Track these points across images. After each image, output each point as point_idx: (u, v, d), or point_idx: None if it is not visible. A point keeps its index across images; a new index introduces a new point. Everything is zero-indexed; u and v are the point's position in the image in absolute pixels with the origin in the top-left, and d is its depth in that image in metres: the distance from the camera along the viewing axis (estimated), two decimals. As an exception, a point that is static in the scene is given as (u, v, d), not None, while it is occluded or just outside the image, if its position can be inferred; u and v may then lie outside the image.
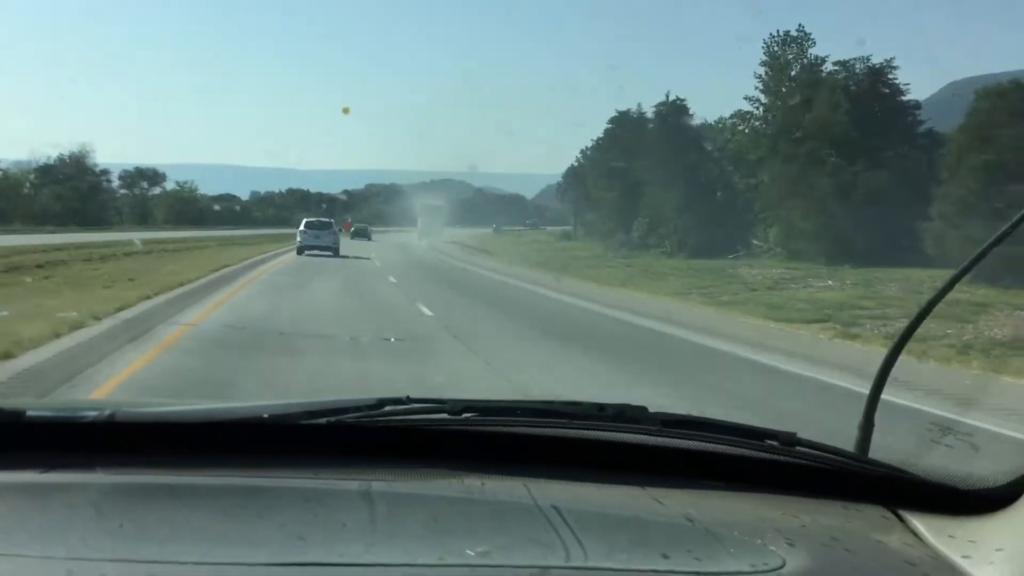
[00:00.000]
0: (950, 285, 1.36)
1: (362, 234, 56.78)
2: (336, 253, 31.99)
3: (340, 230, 38.16)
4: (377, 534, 1.00)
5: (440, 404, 1.23)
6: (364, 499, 1.08)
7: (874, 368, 1.34)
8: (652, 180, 45.70)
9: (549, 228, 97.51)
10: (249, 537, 0.98)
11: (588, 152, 67.74)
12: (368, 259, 30.39)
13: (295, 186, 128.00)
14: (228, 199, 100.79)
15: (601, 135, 61.27)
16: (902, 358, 1.34)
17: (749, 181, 42.06)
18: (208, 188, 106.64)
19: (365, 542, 0.97)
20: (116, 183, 78.02)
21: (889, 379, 1.32)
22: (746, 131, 43.57)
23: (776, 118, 40.82)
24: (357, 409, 1.20)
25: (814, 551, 1.03)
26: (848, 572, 1.01)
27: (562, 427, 1.24)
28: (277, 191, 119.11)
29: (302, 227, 33.83)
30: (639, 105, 55.30)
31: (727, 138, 45.24)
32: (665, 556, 0.99)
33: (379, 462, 1.18)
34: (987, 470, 1.13)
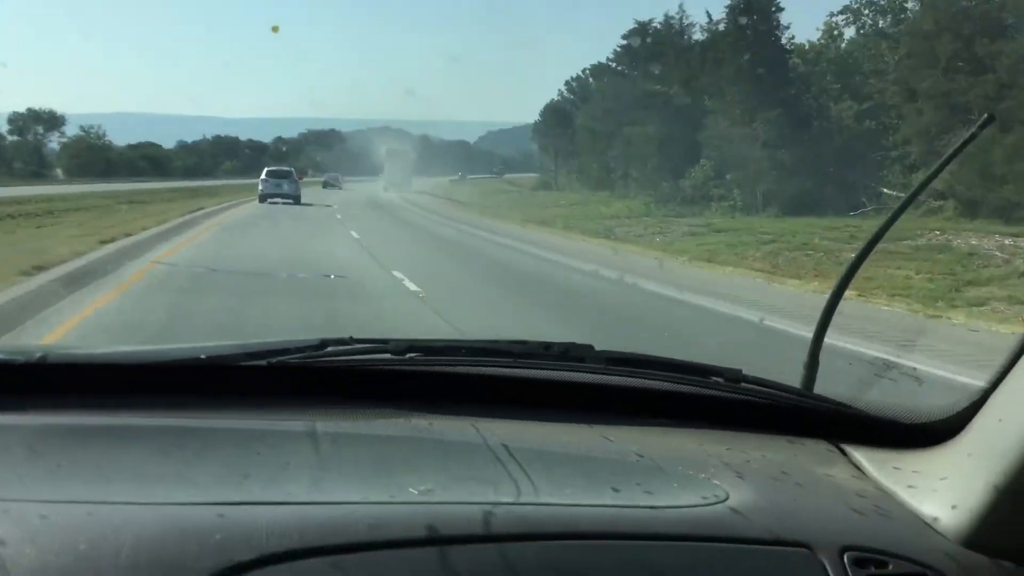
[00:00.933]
0: (889, 223, 1.36)
1: (333, 184, 58.17)
2: (297, 201, 34.21)
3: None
4: (323, 472, 0.99)
5: (383, 344, 1.22)
6: (309, 439, 1.07)
7: None
8: (714, 108, 32.83)
9: (512, 176, 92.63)
10: (190, 477, 0.95)
11: (585, 79, 57.62)
12: (340, 222, 24.36)
13: (223, 134, 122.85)
14: (148, 148, 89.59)
15: (610, 56, 49.65)
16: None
17: (867, 105, 29.35)
18: (122, 138, 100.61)
19: (311, 480, 0.96)
20: (4, 128, 69.27)
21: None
22: (863, 31, 31.31)
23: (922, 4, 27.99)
24: (299, 350, 1.18)
25: (760, 484, 1.05)
26: (792, 503, 1.02)
27: (507, 366, 1.24)
28: (203, 138, 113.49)
29: (263, 176, 36.46)
30: (681, 8, 42.80)
31: (823, 44, 32.30)
32: (615, 490, 0.99)
33: (323, 403, 1.17)
34: (929, 405, 1.15)
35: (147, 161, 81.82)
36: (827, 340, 1.34)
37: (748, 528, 0.94)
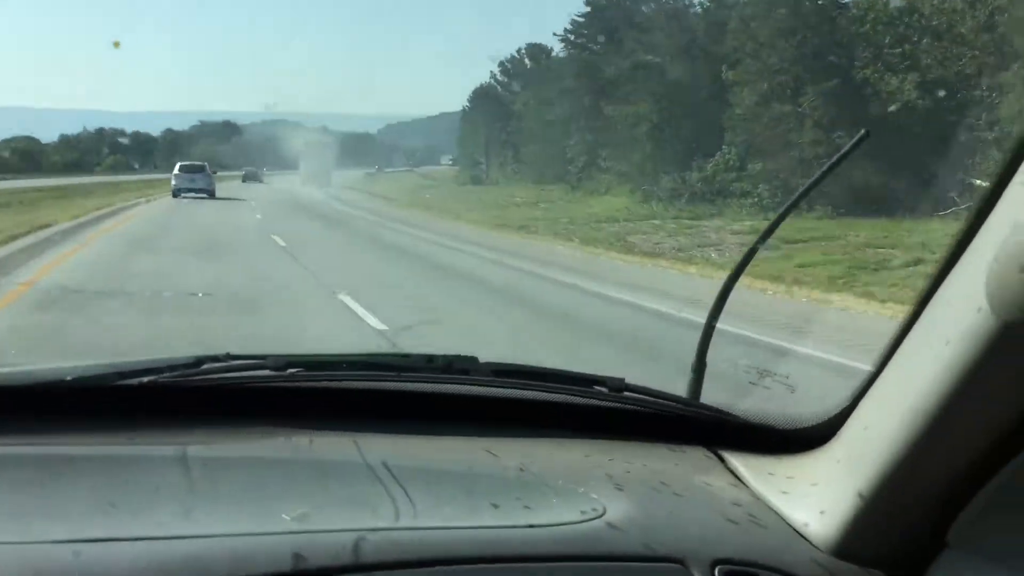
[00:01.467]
0: (779, 220, 1.38)
1: (252, 178, 57.25)
2: (212, 195, 33.78)
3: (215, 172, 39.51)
4: (193, 500, 0.96)
5: (261, 360, 1.18)
6: (180, 463, 1.04)
7: None
8: (741, 79, 25.04)
9: (426, 169, 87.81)
10: (51, 510, 0.91)
11: (521, 60, 51.35)
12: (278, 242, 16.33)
13: (107, 126, 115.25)
14: (21, 142, 79.88)
15: (568, 28, 41.78)
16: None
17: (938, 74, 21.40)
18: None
19: (180, 510, 0.92)
20: None
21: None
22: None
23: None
24: (172, 368, 1.14)
25: (639, 496, 1.05)
26: (668, 515, 1.03)
27: (390, 380, 1.22)
28: (84, 130, 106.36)
29: (176, 171, 36.10)
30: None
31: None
32: (495, 507, 0.99)
33: (198, 424, 1.13)
34: (805, 410, 1.17)
35: (19, 156, 75.74)
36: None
37: (623, 544, 0.95)
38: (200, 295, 8.67)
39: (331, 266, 12.58)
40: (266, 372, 1.17)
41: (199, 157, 51.36)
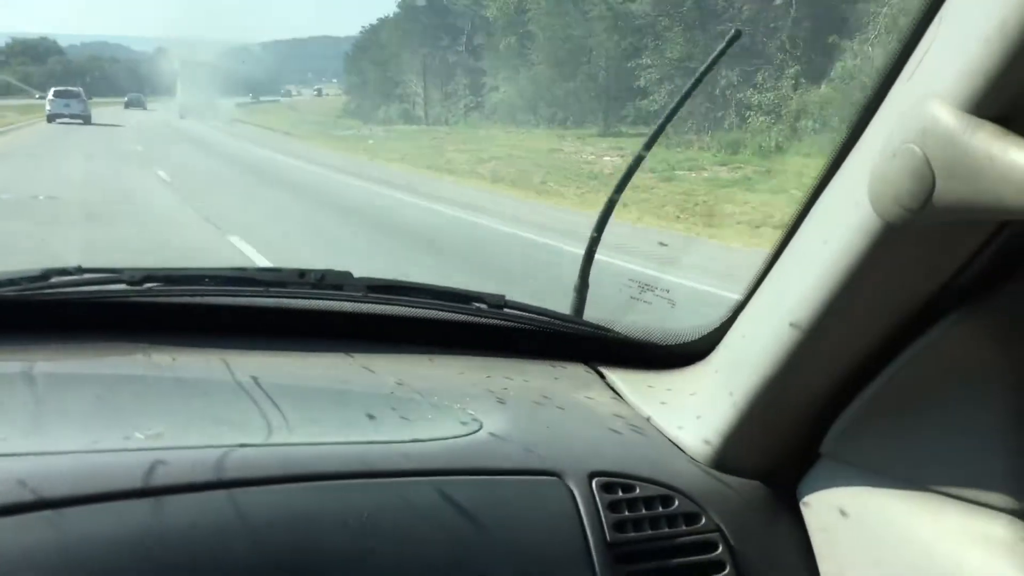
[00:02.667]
0: (651, 141, 1.37)
1: (136, 104, 54.16)
2: (88, 121, 32.47)
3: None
4: (40, 418, 0.91)
5: (116, 273, 1.12)
6: (25, 380, 0.98)
7: None
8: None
9: (287, 100, 77.65)
10: None
11: None
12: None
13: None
14: None
15: None
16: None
17: None
18: None
19: (26, 428, 0.88)
20: None
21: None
22: None
23: None
24: (14, 282, 1.06)
25: (518, 412, 1.04)
26: (546, 430, 1.03)
27: (258, 295, 1.17)
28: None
29: (51, 95, 34.03)
30: None
31: None
32: (370, 422, 0.96)
33: (46, 340, 1.07)
34: (685, 326, 1.17)
35: None
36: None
37: (500, 458, 0.93)
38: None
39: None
40: (122, 286, 1.10)
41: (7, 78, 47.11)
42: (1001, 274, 0.77)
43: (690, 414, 1.02)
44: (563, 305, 1.34)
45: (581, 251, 1.35)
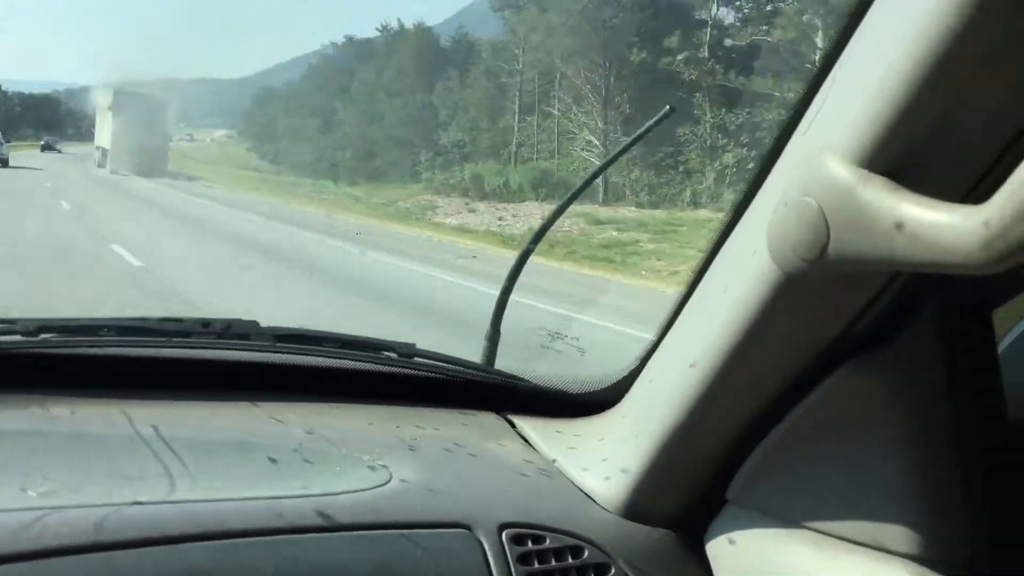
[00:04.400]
0: (578, 191, 1.41)
1: (51, 147, 51.29)
2: (5, 164, 32.35)
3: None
4: None
5: (10, 324, 1.09)
6: None
7: None
8: None
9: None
10: None
11: None
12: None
13: None
14: None
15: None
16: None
17: None
18: None
19: None
20: None
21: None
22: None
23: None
24: None
25: (427, 463, 1.03)
26: (456, 481, 1.02)
27: (160, 346, 1.14)
28: None
29: None
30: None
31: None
32: (275, 475, 0.94)
33: None
34: (595, 374, 1.18)
35: None
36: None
37: (410, 511, 0.92)
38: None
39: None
40: (15, 337, 1.07)
41: None
42: (896, 322, 0.78)
43: (599, 461, 1.02)
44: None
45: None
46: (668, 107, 1.25)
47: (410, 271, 11.90)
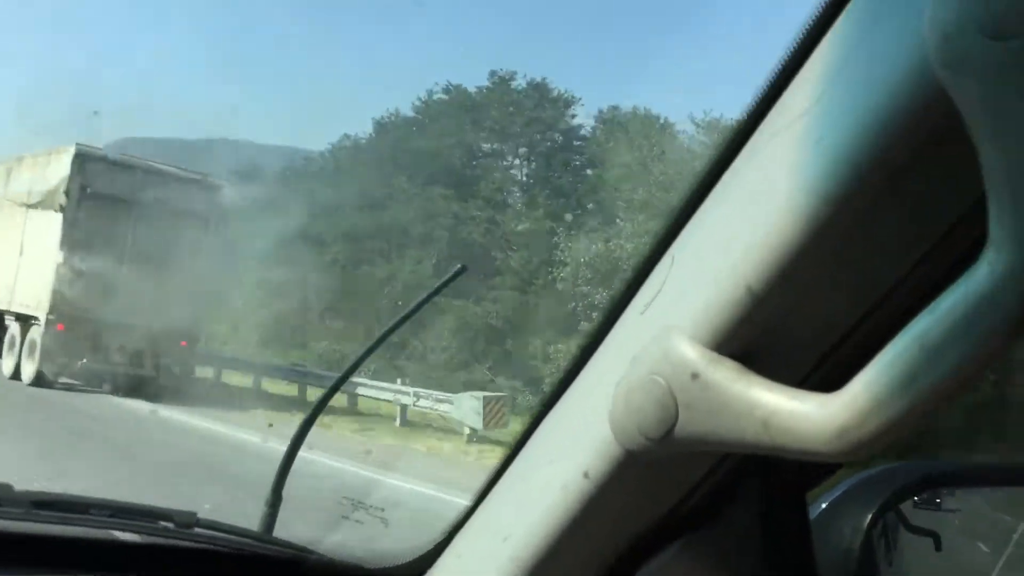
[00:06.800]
0: (368, 352, 1.36)
1: None
2: None
3: None
4: None
5: None
6: None
7: None
8: None
9: None
10: None
11: None
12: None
13: None
14: None
15: None
16: None
17: None
18: None
19: None
20: None
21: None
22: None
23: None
24: None
25: None
26: None
27: None
28: None
29: None
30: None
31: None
32: None
33: None
34: (396, 547, 1.11)
35: None
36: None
37: None
38: None
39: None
40: None
41: None
42: (726, 497, 0.78)
43: None
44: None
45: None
46: (460, 266, 1.25)
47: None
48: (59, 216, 13.00)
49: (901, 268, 0.60)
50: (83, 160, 13.18)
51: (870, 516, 1.17)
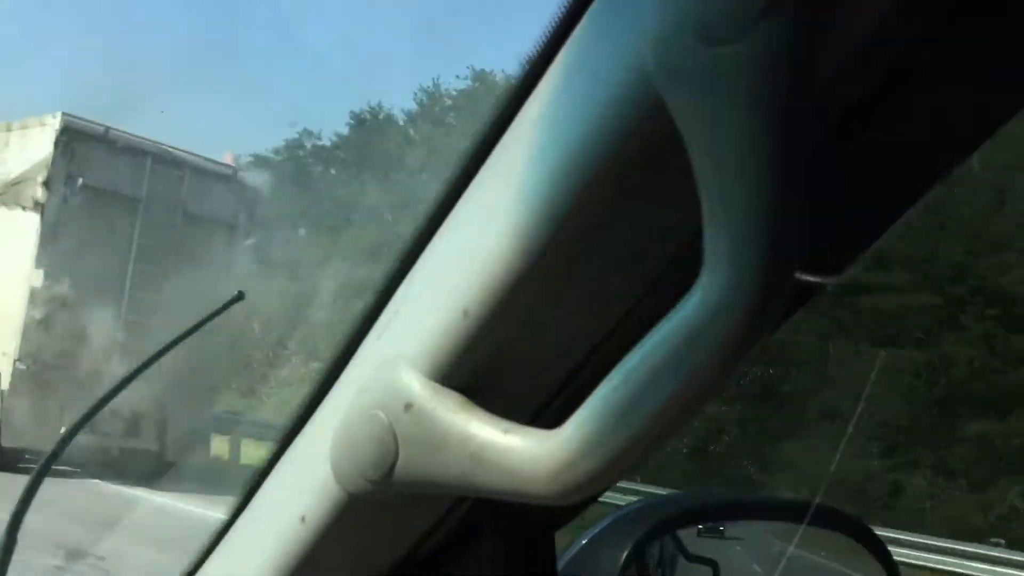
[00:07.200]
0: (128, 380, 1.19)
1: None
2: None
3: None
4: None
5: None
6: None
7: None
8: None
9: None
10: None
11: None
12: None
13: None
14: None
15: None
16: None
17: None
18: None
19: None
20: None
21: None
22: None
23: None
24: None
25: None
26: None
27: None
28: None
29: None
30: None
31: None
32: None
33: None
34: None
35: None
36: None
37: None
38: None
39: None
40: None
41: None
42: (472, 536, 0.75)
43: None
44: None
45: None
46: (239, 292, 1.23)
47: None
48: (34, 217, 8.85)
49: (632, 295, 0.57)
50: (72, 137, 8.92)
51: (627, 551, 1.19)
